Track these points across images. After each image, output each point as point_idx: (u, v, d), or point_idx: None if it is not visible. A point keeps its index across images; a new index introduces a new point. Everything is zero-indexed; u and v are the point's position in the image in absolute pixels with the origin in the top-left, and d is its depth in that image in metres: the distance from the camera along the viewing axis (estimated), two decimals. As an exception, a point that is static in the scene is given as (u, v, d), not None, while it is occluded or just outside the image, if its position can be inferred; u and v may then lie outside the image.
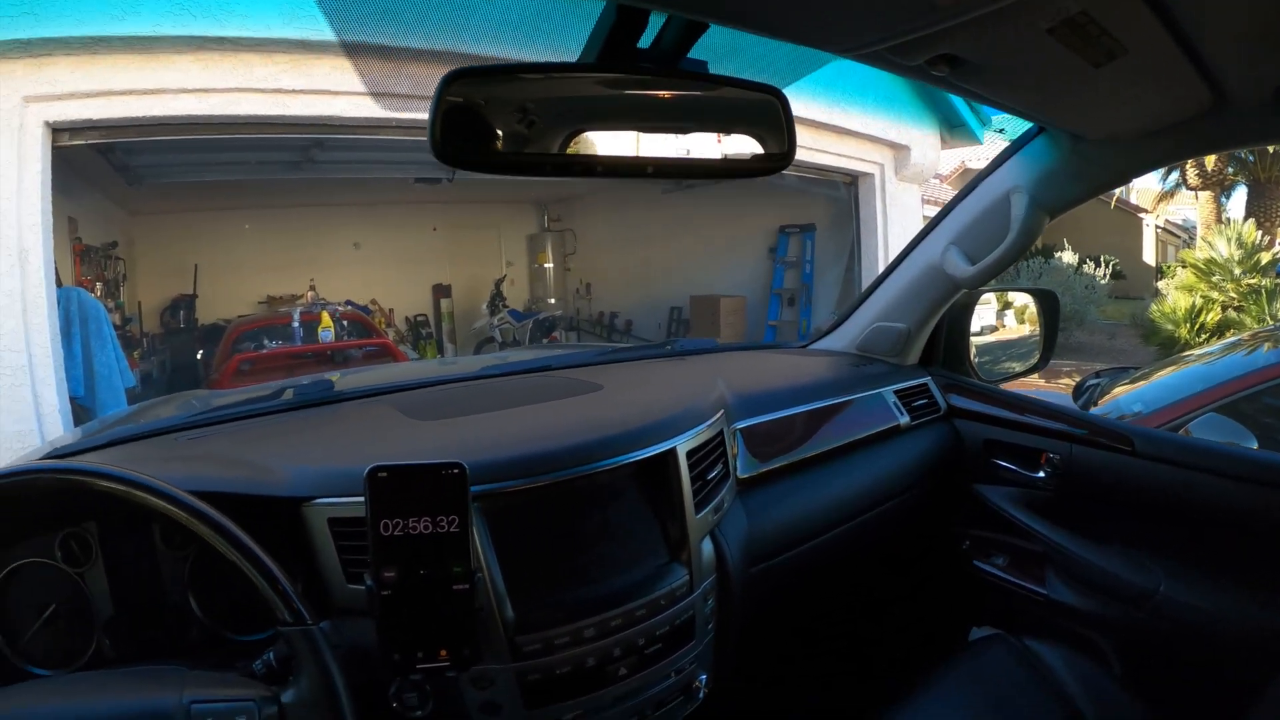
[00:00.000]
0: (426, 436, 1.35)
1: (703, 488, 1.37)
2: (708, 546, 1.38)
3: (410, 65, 5.21)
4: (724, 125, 1.03)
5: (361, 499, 0.97)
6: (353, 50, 5.24)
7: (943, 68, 1.12)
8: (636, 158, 0.98)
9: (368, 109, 5.44)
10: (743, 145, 1.04)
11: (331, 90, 5.37)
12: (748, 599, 1.49)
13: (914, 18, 0.96)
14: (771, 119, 1.03)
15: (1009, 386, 2.26)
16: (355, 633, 1.04)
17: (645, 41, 0.96)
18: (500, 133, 0.94)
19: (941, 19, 0.96)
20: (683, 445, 1.34)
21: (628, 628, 1.21)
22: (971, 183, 1.90)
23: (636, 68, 0.95)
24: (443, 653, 0.99)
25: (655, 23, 0.95)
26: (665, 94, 0.99)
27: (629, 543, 1.29)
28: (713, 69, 0.99)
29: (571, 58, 0.96)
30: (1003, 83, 1.28)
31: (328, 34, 5.09)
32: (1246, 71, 1.27)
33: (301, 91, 5.33)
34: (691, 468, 1.35)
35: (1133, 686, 1.59)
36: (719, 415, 1.50)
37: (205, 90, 5.05)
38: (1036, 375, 2.34)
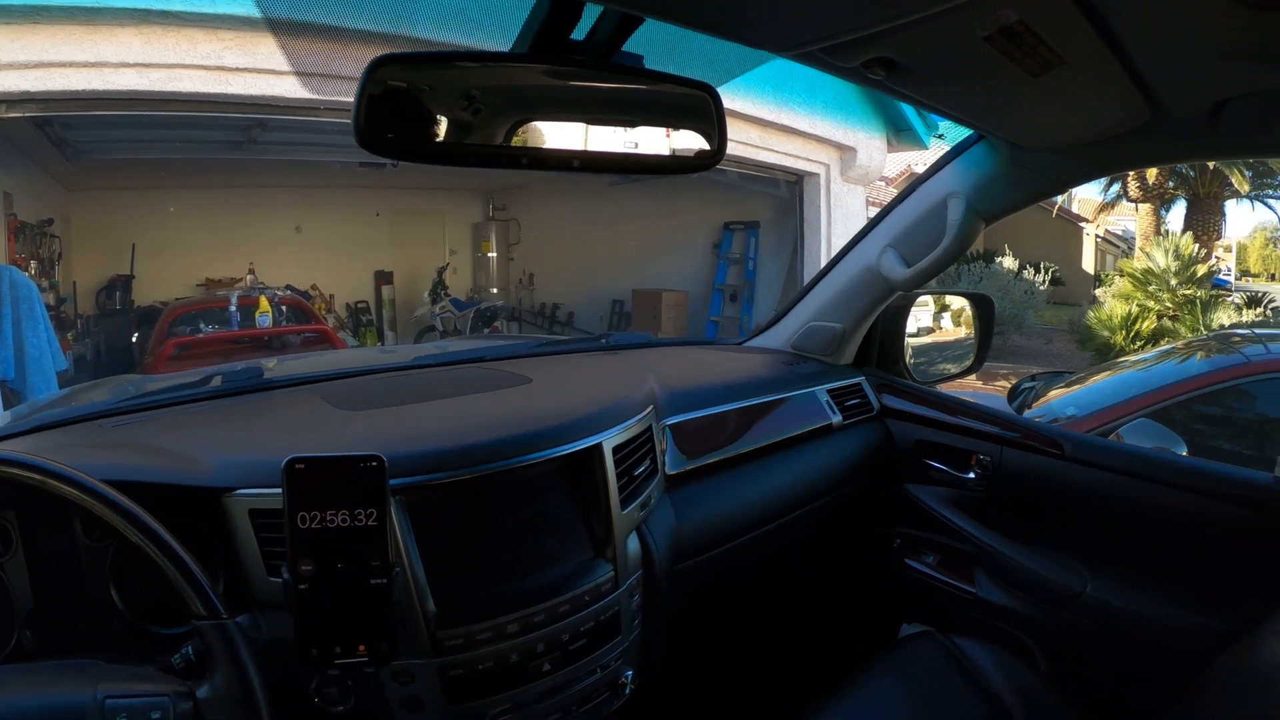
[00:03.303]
0: (351, 428, 1.32)
1: (629, 483, 1.37)
2: (634, 542, 1.37)
3: (355, 47, 5.13)
4: (655, 121, 1.02)
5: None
6: (298, 30, 5.15)
7: (879, 71, 1.12)
8: (563, 151, 0.97)
9: (312, 90, 5.36)
10: (673, 142, 1.03)
11: (275, 70, 5.29)
12: (675, 595, 1.49)
13: (849, 19, 0.96)
14: (703, 116, 1.03)
15: (945, 388, 2.29)
16: (276, 627, 1.01)
17: (581, 33, 0.94)
18: (425, 121, 0.92)
19: (876, 22, 0.96)
20: (609, 441, 1.33)
21: (551, 623, 1.20)
22: (910, 186, 1.92)
23: (568, 60, 0.94)
24: (361, 648, 0.98)
25: (591, 14, 0.93)
26: (596, 88, 0.98)
27: (554, 538, 1.28)
28: (652, 63, 0.98)
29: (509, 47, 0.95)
30: (940, 88, 1.29)
31: (273, 11, 5.00)
32: (1183, 86, 1.28)
33: (245, 70, 5.24)
34: (618, 463, 1.34)
35: (1059, 685, 1.62)
36: (648, 411, 1.49)
37: (147, 65, 4.95)
38: (974, 377, 2.37)
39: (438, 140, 0.93)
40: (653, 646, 1.43)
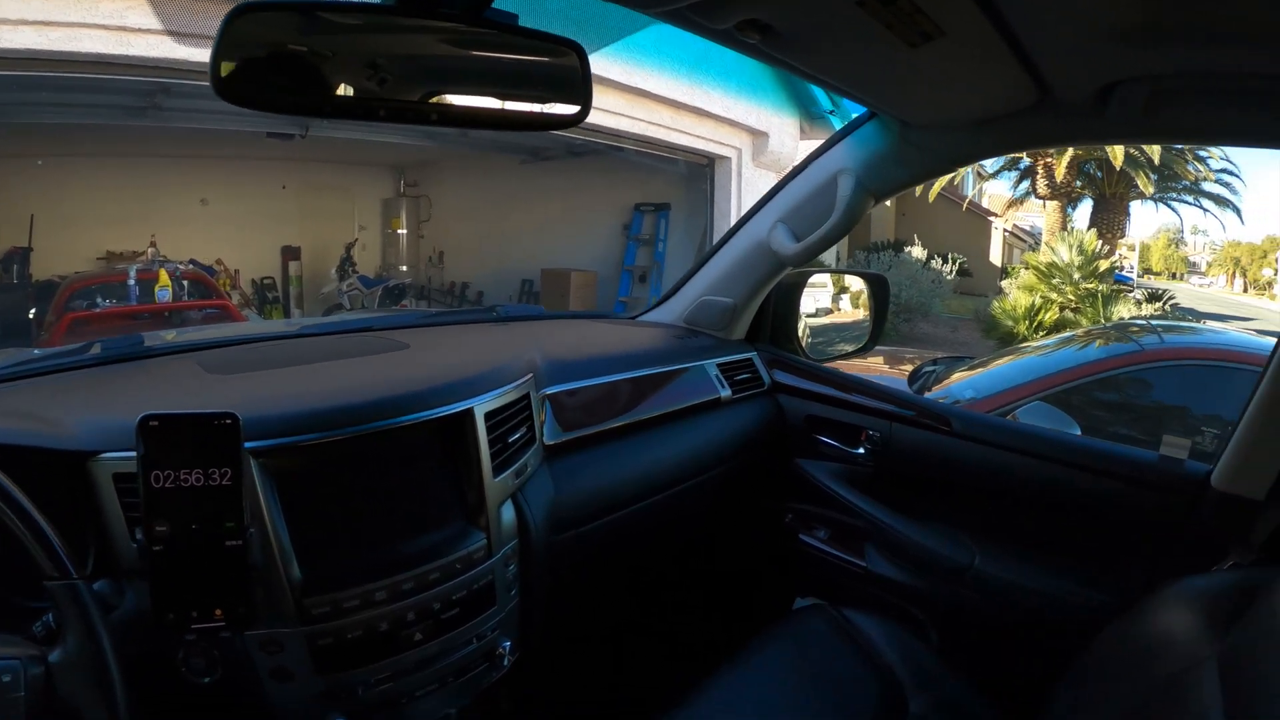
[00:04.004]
0: (219, 391, 1.29)
1: (502, 450, 1.35)
2: (509, 511, 1.36)
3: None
4: (521, 78, 1.01)
5: None
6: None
7: (753, 34, 1.11)
8: (422, 104, 0.95)
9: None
10: (539, 99, 1.02)
11: (180, 32, 5.09)
12: (557, 566, 1.48)
13: None
14: (570, 75, 1.01)
15: (844, 367, 2.33)
16: (142, 594, 0.98)
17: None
18: (285, 72, 0.89)
19: None
20: (481, 406, 1.31)
21: (420, 591, 1.19)
22: (803, 163, 1.93)
23: (435, 13, 0.92)
24: (218, 612, 0.96)
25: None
26: (462, 41, 0.96)
27: (425, 505, 1.27)
28: (533, 21, 0.97)
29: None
30: (816, 56, 1.29)
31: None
32: (1071, 67, 1.31)
33: (148, 31, 5.04)
34: (491, 430, 1.32)
35: (949, 657, 1.64)
36: (526, 379, 1.48)
37: (45, 23, 4.77)
38: (880, 360, 2.41)
39: (295, 91, 0.90)
40: (533, 617, 1.42)
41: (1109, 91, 1.37)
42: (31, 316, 9.11)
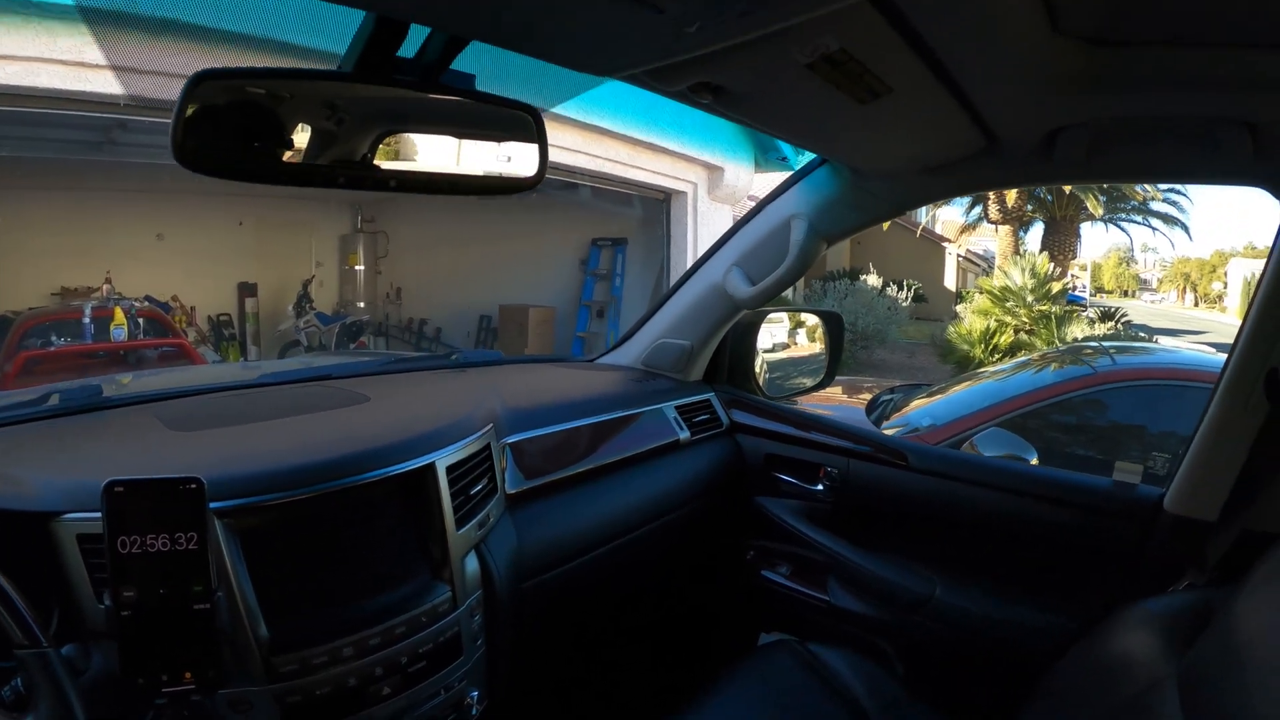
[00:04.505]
0: (181, 449, 1.28)
1: (465, 503, 1.36)
2: (472, 562, 1.36)
3: (222, 49, 4.95)
4: (479, 143, 1.03)
5: None
6: (163, 28, 4.94)
7: (706, 95, 1.15)
8: (380, 170, 0.96)
9: (174, 90, 5.13)
10: (494, 163, 1.04)
11: (138, 69, 5.05)
12: (522, 614, 1.48)
13: (668, 45, 0.97)
14: (527, 139, 1.04)
15: (804, 401, 2.35)
16: (110, 656, 0.98)
17: (412, 50, 0.94)
18: (245, 138, 0.91)
19: (695, 47, 0.98)
20: (443, 460, 1.32)
21: (387, 646, 1.19)
22: (756, 207, 1.98)
23: (393, 80, 0.94)
24: (187, 675, 0.95)
25: (420, 32, 0.93)
26: (419, 108, 0.98)
27: (389, 560, 1.27)
28: (485, 81, 0.99)
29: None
30: (768, 113, 1.32)
31: (140, 7, 4.79)
32: (1016, 116, 1.36)
33: (106, 67, 5.00)
34: (453, 483, 1.33)
35: (914, 687, 1.65)
36: (486, 429, 1.49)
37: (4, 57, 4.72)
38: (839, 390, 2.43)
39: (256, 158, 0.92)
40: (499, 666, 1.43)
41: (1053, 136, 1.42)
42: (-15, 354, 8.92)
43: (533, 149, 1.08)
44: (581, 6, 0.85)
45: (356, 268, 13.12)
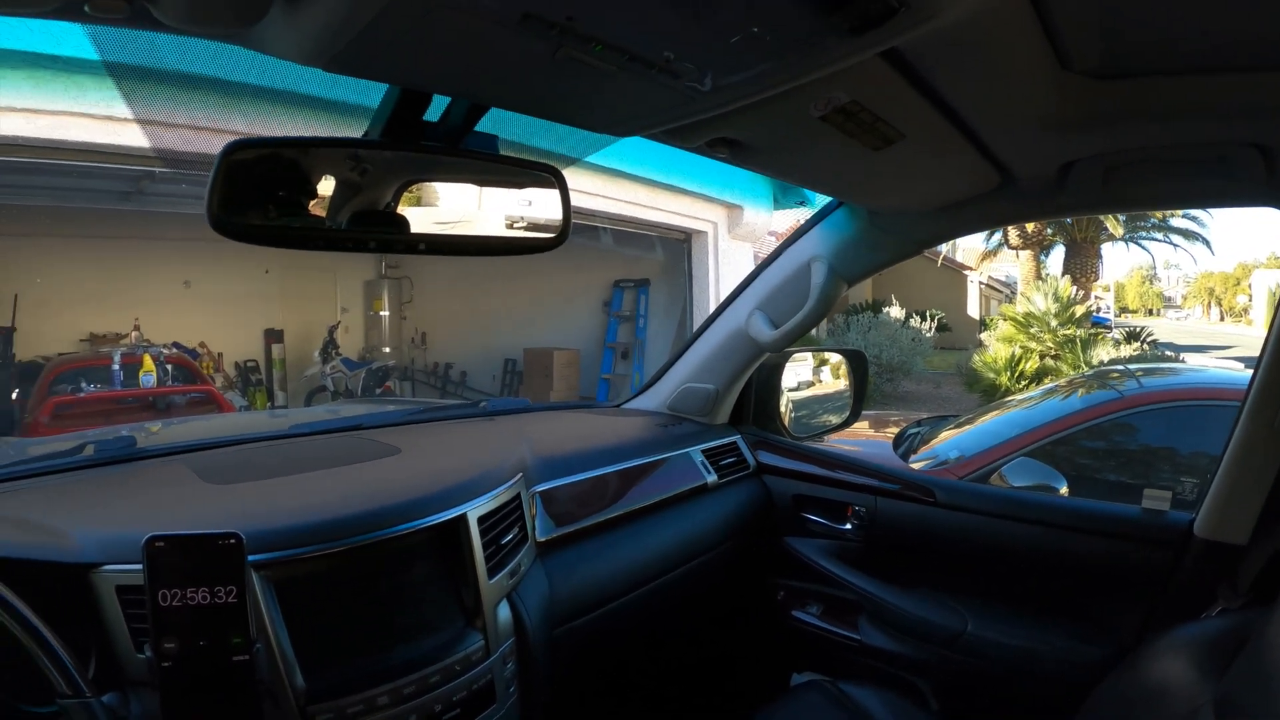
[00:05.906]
0: (217, 501, 1.30)
1: (496, 552, 1.37)
2: (504, 611, 1.38)
3: (245, 102, 5.05)
4: (502, 202, 1.05)
5: None
6: (189, 83, 5.04)
7: (723, 149, 1.17)
8: (410, 235, 0.98)
9: (202, 144, 5.22)
10: (517, 209, 1.06)
11: (165, 122, 5.15)
12: (554, 661, 1.49)
13: (684, 106, 1.00)
14: (549, 197, 1.06)
15: (831, 438, 2.35)
16: (148, 704, 1.00)
17: (436, 114, 0.97)
18: (278, 205, 0.93)
19: (711, 108, 1.00)
20: (474, 511, 1.33)
21: (422, 694, 1.20)
22: (776, 250, 2.00)
23: (419, 145, 0.96)
24: None
25: (443, 98, 0.96)
26: (444, 171, 1.01)
27: (423, 609, 1.28)
28: (508, 136, 1.01)
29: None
30: (785, 164, 1.35)
31: (164, 63, 4.90)
32: (1028, 154, 1.37)
33: (135, 120, 5.10)
34: (485, 533, 1.35)
35: None
36: (517, 479, 1.51)
37: (35, 110, 4.81)
38: (866, 425, 2.43)
39: (290, 224, 0.94)
40: (533, 712, 1.43)
41: (1067, 170, 1.44)
42: (15, 398, 9.04)
43: (556, 202, 1.10)
44: (598, 75, 0.87)
45: (381, 313, 13.16)
